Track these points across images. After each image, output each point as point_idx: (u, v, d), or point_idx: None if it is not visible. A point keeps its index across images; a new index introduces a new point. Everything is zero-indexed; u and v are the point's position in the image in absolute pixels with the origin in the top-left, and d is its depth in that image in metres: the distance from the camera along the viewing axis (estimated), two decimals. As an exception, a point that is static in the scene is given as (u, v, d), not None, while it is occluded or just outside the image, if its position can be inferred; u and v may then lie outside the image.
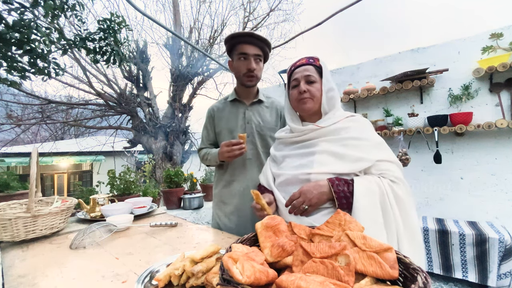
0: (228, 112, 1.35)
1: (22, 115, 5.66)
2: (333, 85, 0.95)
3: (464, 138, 2.54)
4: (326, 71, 0.96)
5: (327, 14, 3.02)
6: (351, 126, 0.91)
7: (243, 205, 1.28)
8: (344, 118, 0.94)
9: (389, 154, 0.88)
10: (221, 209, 1.35)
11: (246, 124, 1.31)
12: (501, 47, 2.33)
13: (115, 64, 2.53)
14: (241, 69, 1.25)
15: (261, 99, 1.36)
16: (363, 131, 0.91)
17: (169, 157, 5.37)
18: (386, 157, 0.85)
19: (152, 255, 0.90)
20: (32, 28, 1.88)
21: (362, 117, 0.98)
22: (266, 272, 0.46)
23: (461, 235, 2.16)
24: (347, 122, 0.93)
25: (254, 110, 1.34)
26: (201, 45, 5.91)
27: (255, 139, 1.30)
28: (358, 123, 0.93)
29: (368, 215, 0.76)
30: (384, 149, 0.89)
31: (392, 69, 2.93)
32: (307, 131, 0.94)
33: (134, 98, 5.45)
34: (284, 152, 1.01)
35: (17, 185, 2.80)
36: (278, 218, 0.65)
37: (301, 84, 0.94)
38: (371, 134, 0.91)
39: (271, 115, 1.37)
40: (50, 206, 1.30)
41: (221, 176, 1.37)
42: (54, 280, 0.74)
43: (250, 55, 1.22)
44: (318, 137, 0.92)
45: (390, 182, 0.81)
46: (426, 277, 0.42)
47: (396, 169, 0.84)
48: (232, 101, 1.36)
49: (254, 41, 1.22)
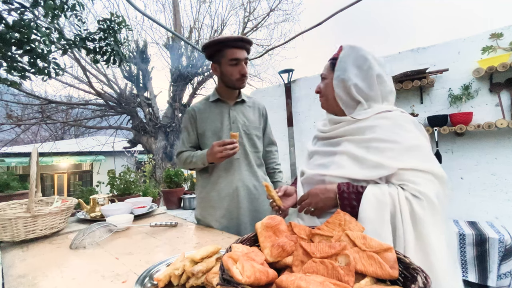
0: (211, 113, 1.32)
1: (22, 115, 5.66)
2: (349, 75, 0.81)
3: (464, 138, 2.54)
4: (343, 60, 0.83)
5: (327, 14, 3.02)
6: (381, 125, 0.77)
7: (234, 207, 1.26)
8: (375, 114, 0.80)
9: (422, 161, 0.72)
10: (210, 214, 1.29)
11: (231, 124, 1.30)
12: (501, 47, 2.33)
13: (115, 64, 2.53)
14: (233, 74, 1.24)
15: (243, 99, 1.36)
16: (393, 131, 0.76)
17: (169, 157, 5.37)
18: (414, 165, 0.70)
19: (152, 255, 0.90)
20: (32, 28, 1.88)
21: (399, 113, 0.82)
22: (266, 272, 0.46)
23: (461, 235, 2.16)
24: (378, 119, 0.79)
25: (238, 110, 1.33)
26: (201, 45, 5.90)
27: (242, 139, 1.29)
28: (391, 120, 0.78)
29: (373, 230, 0.67)
30: (416, 155, 0.72)
31: (392, 69, 2.93)
32: (335, 126, 0.87)
33: (134, 98, 5.45)
34: (315, 147, 0.98)
35: (17, 185, 2.80)
36: (278, 218, 0.65)
37: (319, 84, 0.93)
38: (403, 135, 0.75)
39: (254, 114, 1.38)
40: (50, 206, 1.30)
41: (206, 179, 1.32)
42: (54, 280, 0.74)
43: (241, 60, 1.22)
44: (344, 135, 0.84)
45: (410, 196, 0.68)
46: (426, 277, 0.42)
47: (423, 181, 0.69)
48: (214, 102, 1.34)
49: (243, 45, 1.23)
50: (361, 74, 0.82)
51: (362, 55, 0.83)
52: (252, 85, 7.63)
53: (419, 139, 0.76)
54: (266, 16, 6.46)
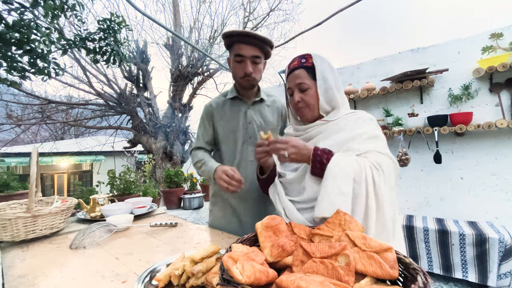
0: (228, 111, 1.27)
1: (22, 115, 5.66)
2: (331, 84, 0.89)
3: (464, 138, 2.54)
4: (321, 70, 0.89)
5: (327, 14, 3.02)
6: (350, 120, 0.89)
7: (244, 209, 1.25)
8: (345, 114, 0.91)
9: (382, 147, 0.84)
10: (220, 210, 1.31)
11: (247, 124, 1.24)
12: (501, 47, 2.33)
13: (115, 64, 2.53)
14: (237, 72, 1.17)
15: (262, 98, 1.28)
16: (360, 124, 0.87)
17: (169, 157, 5.37)
18: (377, 148, 0.82)
19: (152, 255, 0.90)
20: (32, 28, 1.88)
21: (363, 112, 0.94)
22: (266, 272, 0.46)
23: (461, 235, 2.16)
24: (348, 117, 0.90)
25: (255, 109, 1.27)
26: (201, 45, 5.90)
27: (257, 141, 1.27)
28: (357, 116, 0.90)
29: (336, 184, 0.74)
30: (378, 142, 0.85)
31: (392, 69, 2.93)
32: (309, 129, 0.93)
33: (134, 98, 5.45)
34: None
35: (17, 185, 2.80)
36: (278, 218, 0.65)
37: (295, 93, 0.92)
38: (367, 127, 0.87)
39: (273, 115, 1.30)
40: (50, 206, 1.30)
41: None
42: (54, 280, 0.74)
43: (247, 57, 1.12)
44: (317, 135, 0.91)
45: (372, 165, 0.77)
46: (426, 277, 0.42)
47: (383, 158, 0.80)
48: (232, 99, 1.27)
49: (251, 41, 1.11)
50: (336, 83, 0.91)
51: (332, 66, 0.92)
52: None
53: (379, 132, 0.89)
54: (266, 16, 6.45)
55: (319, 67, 0.89)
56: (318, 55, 0.91)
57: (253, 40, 1.11)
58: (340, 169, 0.75)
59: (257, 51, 1.13)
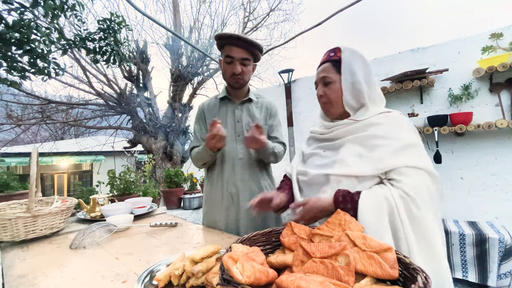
0: (218, 110, 1.34)
1: (22, 115, 5.65)
2: (359, 78, 0.83)
3: (464, 138, 2.54)
4: (348, 63, 0.84)
5: (327, 14, 3.02)
6: (382, 123, 0.81)
7: (235, 207, 1.26)
8: (377, 114, 0.84)
9: (418, 159, 0.76)
10: (213, 213, 1.32)
11: (236, 123, 1.30)
12: (501, 47, 2.33)
13: (115, 64, 2.53)
14: (227, 72, 1.24)
15: (251, 98, 1.34)
16: (393, 129, 0.80)
17: (169, 157, 5.37)
18: (411, 162, 0.74)
19: (152, 255, 0.90)
20: (32, 28, 1.88)
21: (398, 114, 0.86)
22: (266, 272, 0.46)
23: (461, 235, 2.16)
24: (379, 118, 0.83)
25: (244, 108, 1.32)
26: (201, 45, 5.90)
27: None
28: (391, 119, 0.82)
29: (374, 234, 0.67)
30: (413, 152, 0.77)
31: (392, 69, 2.93)
32: (335, 128, 0.88)
33: (134, 98, 5.45)
34: (312, 148, 0.97)
35: (17, 185, 2.80)
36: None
37: (318, 87, 0.90)
38: (402, 134, 0.79)
39: (261, 114, 1.35)
40: (50, 206, 1.30)
41: (210, 179, 1.34)
42: (54, 280, 0.74)
43: (236, 59, 1.19)
44: (345, 135, 0.85)
45: (402, 193, 0.71)
46: (426, 277, 0.42)
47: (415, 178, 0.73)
48: (222, 99, 1.35)
49: (241, 43, 1.17)
50: (366, 78, 0.85)
51: (364, 59, 0.86)
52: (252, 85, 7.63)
53: (416, 138, 0.81)
54: (266, 16, 6.45)
55: (346, 60, 0.85)
56: (348, 48, 0.87)
57: (243, 43, 1.18)
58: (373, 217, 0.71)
59: (246, 54, 1.20)
